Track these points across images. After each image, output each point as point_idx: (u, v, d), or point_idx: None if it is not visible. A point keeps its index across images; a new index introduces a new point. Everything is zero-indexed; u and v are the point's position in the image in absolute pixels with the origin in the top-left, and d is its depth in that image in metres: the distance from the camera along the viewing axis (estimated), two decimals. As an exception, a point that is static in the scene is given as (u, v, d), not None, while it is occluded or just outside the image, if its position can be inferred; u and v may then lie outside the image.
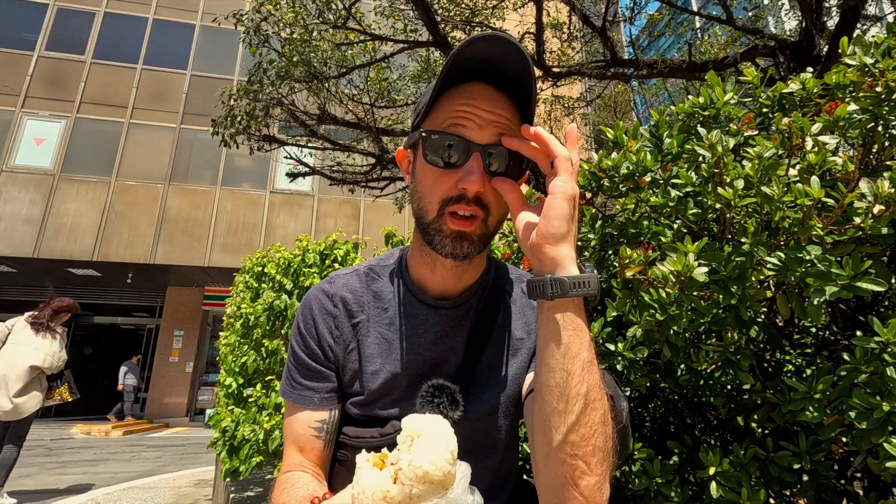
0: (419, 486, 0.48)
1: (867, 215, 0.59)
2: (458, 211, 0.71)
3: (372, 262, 0.92)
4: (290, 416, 0.83)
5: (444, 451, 0.49)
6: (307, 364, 0.83)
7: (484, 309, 0.85)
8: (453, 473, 0.50)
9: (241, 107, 6.06)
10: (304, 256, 2.84)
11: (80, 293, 15.06)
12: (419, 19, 5.48)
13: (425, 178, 0.75)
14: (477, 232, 0.73)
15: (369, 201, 13.52)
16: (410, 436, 0.52)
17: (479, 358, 0.83)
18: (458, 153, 0.71)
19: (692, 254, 0.65)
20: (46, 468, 6.76)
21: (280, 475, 0.79)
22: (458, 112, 0.72)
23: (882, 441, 0.59)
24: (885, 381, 0.59)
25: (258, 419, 2.52)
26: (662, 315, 0.71)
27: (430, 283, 0.83)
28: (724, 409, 0.97)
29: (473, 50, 0.68)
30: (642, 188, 0.85)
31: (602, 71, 5.80)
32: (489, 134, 0.71)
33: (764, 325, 0.96)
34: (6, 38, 13.63)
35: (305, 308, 0.86)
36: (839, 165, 0.64)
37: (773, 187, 0.63)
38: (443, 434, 0.51)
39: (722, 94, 0.87)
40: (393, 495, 0.48)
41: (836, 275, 0.58)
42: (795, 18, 5.94)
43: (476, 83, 0.73)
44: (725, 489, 0.81)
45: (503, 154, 0.71)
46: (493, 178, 0.72)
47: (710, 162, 0.72)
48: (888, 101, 0.67)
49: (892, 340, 0.59)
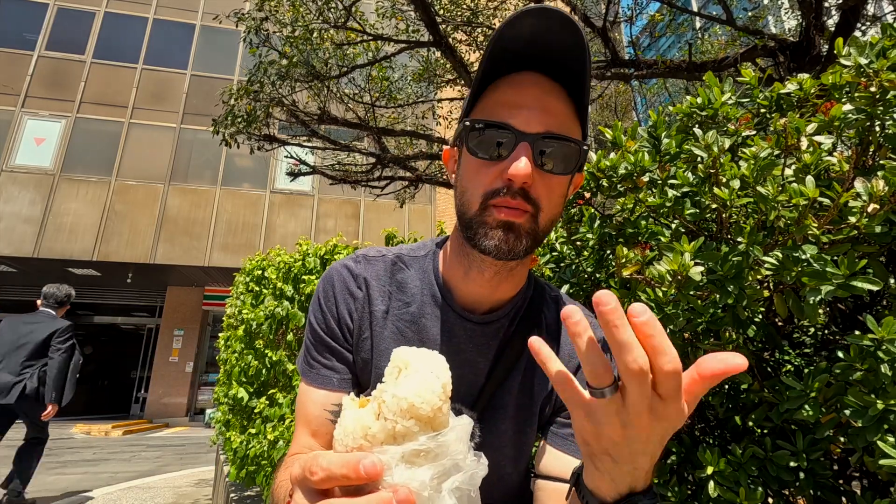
0: (404, 422, 0.41)
1: (862, 214, 0.60)
2: (504, 203, 0.64)
3: (402, 249, 0.84)
4: (304, 396, 0.77)
5: (433, 383, 0.43)
6: (326, 342, 0.78)
7: (517, 330, 0.77)
8: (445, 412, 0.43)
9: (242, 107, 6.07)
10: (305, 261, 2.83)
11: (80, 293, 15.05)
12: (420, 20, 5.49)
13: (469, 170, 0.68)
14: (526, 225, 0.65)
15: (369, 201, 13.52)
16: (398, 366, 0.46)
17: (501, 384, 0.76)
18: (504, 142, 0.64)
19: (688, 253, 0.65)
20: (46, 468, 6.76)
21: (287, 457, 0.73)
22: (506, 101, 0.66)
23: (876, 439, 0.59)
24: (878, 379, 0.59)
25: (263, 430, 2.54)
26: (659, 314, 0.71)
27: (461, 289, 0.76)
28: (721, 408, 0.98)
29: (521, 28, 0.61)
30: (640, 188, 0.85)
31: (602, 71, 5.80)
32: (539, 124, 0.64)
33: (762, 324, 0.96)
34: (6, 38, 13.63)
35: (328, 283, 0.80)
36: (835, 165, 0.64)
37: (769, 187, 0.63)
38: (435, 365, 0.45)
39: (720, 95, 0.87)
40: (375, 432, 0.41)
41: (832, 274, 0.58)
42: (795, 18, 5.94)
43: (525, 73, 0.67)
44: (723, 489, 0.81)
45: (555, 147, 0.65)
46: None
47: (706, 162, 0.72)
48: (882, 100, 0.68)
49: (886, 338, 0.59)
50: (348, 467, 0.38)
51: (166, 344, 14.12)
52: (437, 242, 0.84)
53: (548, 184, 0.66)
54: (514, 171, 0.62)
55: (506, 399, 0.76)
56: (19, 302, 14.69)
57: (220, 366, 3.83)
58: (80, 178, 12.88)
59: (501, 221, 0.64)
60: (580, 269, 1.09)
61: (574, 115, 0.68)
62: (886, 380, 0.59)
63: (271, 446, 2.44)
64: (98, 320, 15.98)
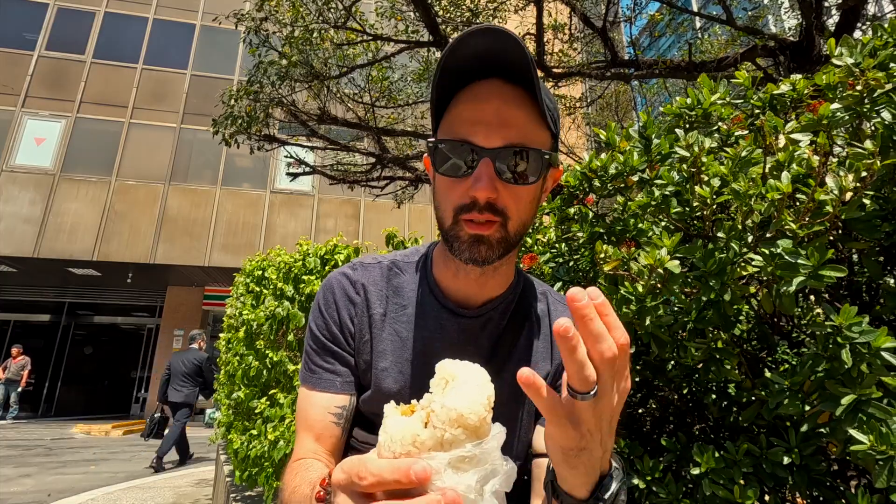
0: (452, 431, 0.43)
1: (835, 206, 0.61)
2: (472, 219, 0.69)
3: (396, 255, 0.89)
4: (306, 401, 0.79)
5: (480, 396, 0.45)
6: (328, 347, 0.80)
7: (508, 324, 0.82)
8: (489, 421, 0.45)
9: (242, 107, 6.08)
10: (305, 261, 2.84)
11: (80, 293, 15.10)
12: (420, 20, 5.49)
13: (440, 186, 0.73)
14: (496, 235, 0.70)
15: (369, 201, 13.52)
16: (444, 378, 0.48)
17: (496, 376, 0.78)
18: (466, 160, 0.68)
19: (665, 248, 0.66)
20: (46, 468, 6.77)
21: (291, 462, 0.74)
22: (466, 117, 0.69)
23: (853, 429, 0.59)
24: (841, 366, 0.60)
25: (263, 430, 2.55)
26: (637, 307, 0.72)
27: (453, 289, 0.80)
28: (715, 406, 0.98)
29: (470, 46, 0.65)
30: (630, 188, 0.86)
31: (602, 71, 5.81)
32: (499, 138, 0.67)
33: (756, 324, 0.96)
34: (6, 38, 13.64)
35: (327, 291, 0.83)
36: (812, 160, 0.65)
37: (741, 182, 0.64)
38: (480, 378, 0.47)
39: (709, 96, 0.88)
40: (423, 439, 0.43)
41: (802, 265, 0.59)
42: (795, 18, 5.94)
43: (484, 81, 0.69)
44: (718, 486, 0.81)
45: (516, 156, 0.67)
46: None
47: (688, 162, 0.73)
48: (869, 98, 0.68)
49: (844, 325, 0.60)
50: (400, 472, 0.39)
51: (166, 344, 14.12)
52: (429, 245, 0.89)
53: (514, 194, 0.69)
54: (474, 191, 0.67)
55: (501, 389, 0.78)
56: (19, 302, 14.71)
57: (220, 367, 3.85)
58: (80, 178, 12.89)
59: (472, 235, 0.69)
60: (575, 267, 1.10)
61: (537, 117, 0.70)
62: (848, 365, 0.60)
63: (272, 447, 2.45)
64: (98, 320, 16.00)
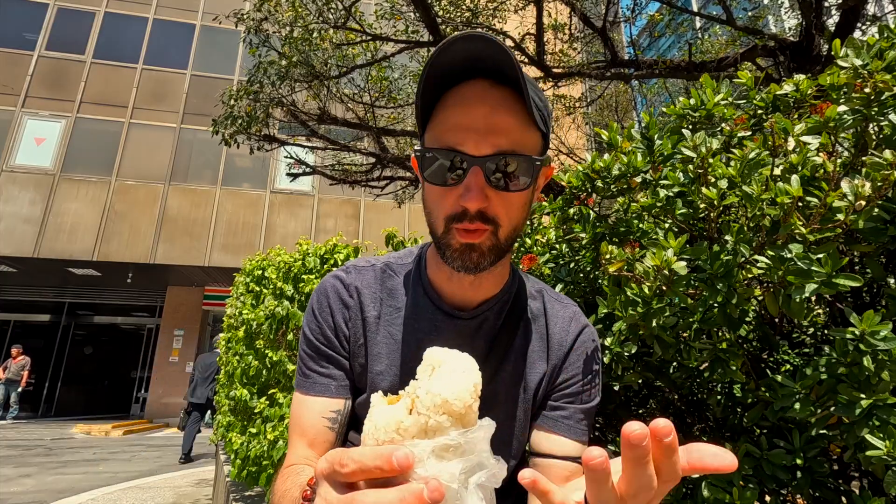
0: (437, 417, 0.42)
1: (848, 212, 0.60)
2: (464, 227, 0.68)
3: (390, 258, 0.88)
4: (300, 407, 0.78)
5: (466, 383, 0.44)
6: (322, 351, 0.80)
7: (504, 325, 0.81)
8: (475, 410, 0.44)
9: (242, 107, 6.07)
10: (305, 261, 2.84)
11: (80, 293, 15.09)
12: (420, 20, 5.49)
13: (430, 195, 0.72)
14: (487, 243, 0.69)
15: (369, 201, 13.52)
16: (431, 364, 0.47)
17: (493, 376, 0.79)
18: (455, 170, 0.67)
19: (672, 249, 0.66)
20: (46, 468, 6.76)
21: (283, 468, 0.73)
22: (454, 123, 0.67)
23: (865, 434, 0.59)
24: (862, 372, 0.60)
25: (263, 430, 2.56)
26: (643, 309, 0.71)
27: (447, 290, 0.80)
28: (718, 408, 0.98)
29: (454, 52, 0.63)
30: (633, 189, 0.85)
31: (602, 71, 5.81)
32: (488, 145, 0.66)
33: (758, 324, 0.96)
34: (6, 38, 13.64)
35: (321, 295, 0.82)
36: (822, 165, 0.64)
37: (753, 186, 0.63)
38: (467, 364, 0.47)
39: (712, 96, 0.88)
40: (407, 426, 0.42)
41: (816, 272, 0.59)
42: (795, 18, 5.94)
43: (470, 82, 0.68)
44: (716, 489, 0.81)
45: (506, 165, 0.66)
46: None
47: (695, 163, 0.73)
48: (877, 101, 0.68)
49: (867, 331, 0.60)
50: (381, 459, 0.38)
51: (166, 344, 14.13)
52: (422, 248, 0.87)
53: (505, 200, 0.69)
54: (464, 201, 0.66)
55: (498, 388, 0.80)
56: (19, 302, 14.71)
57: (220, 367, 3.85)
58: (80, 178, 12.89)
59: (463, 244, 0.69)
60: (576, 268, 1.09)
61: (526, 119, 0.68)
62: (869, 373, 0.59)
63: (271, 446, 2.45)
64: (98, 320, 16.00)
